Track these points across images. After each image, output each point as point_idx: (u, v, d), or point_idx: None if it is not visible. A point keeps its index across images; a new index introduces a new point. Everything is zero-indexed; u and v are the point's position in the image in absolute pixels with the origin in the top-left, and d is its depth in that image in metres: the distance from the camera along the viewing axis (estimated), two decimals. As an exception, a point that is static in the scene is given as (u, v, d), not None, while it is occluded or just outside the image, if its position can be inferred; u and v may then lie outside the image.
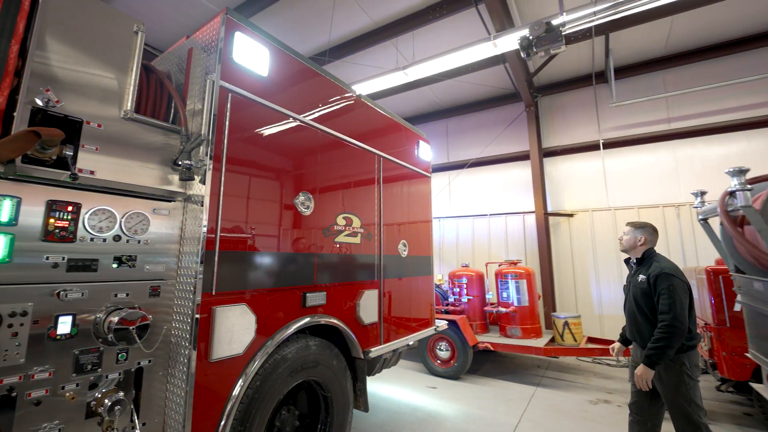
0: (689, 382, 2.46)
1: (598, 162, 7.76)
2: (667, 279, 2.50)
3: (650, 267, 2.66)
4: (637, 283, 2.70)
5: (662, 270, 2.56)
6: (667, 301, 2.44)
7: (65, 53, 1.84)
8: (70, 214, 1.80)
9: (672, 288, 2.46)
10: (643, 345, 2.66)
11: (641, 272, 2.72)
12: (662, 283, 2.50)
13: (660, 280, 2.52)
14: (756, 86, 6.44)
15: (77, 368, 1.77)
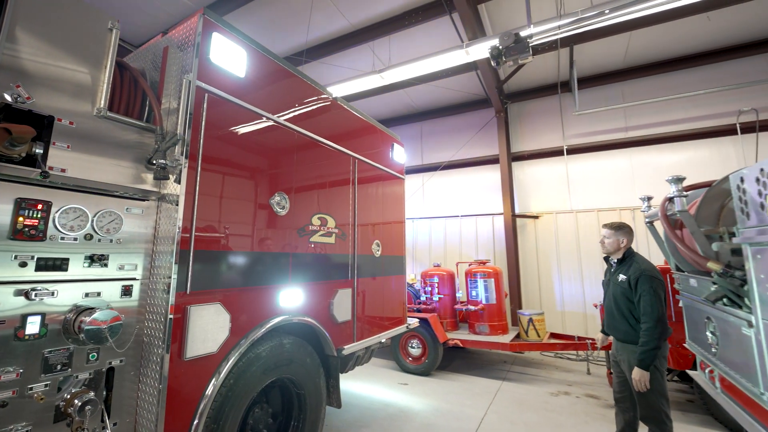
0: (658, 374, 2.66)
1: (562, 167, 8.17)
2: (648, 281, 2.66)
3: (630, 267, 2.83)
4: (618, 282, 2.88)
5: (643, 272, 2.72)
6: (649, 304, 2.61)
7: (37, 48, 1.81)
8: (40, 212, 1.77)
9: (653, 290, 2.63)
10: (618, 337, 2.90)
11: (621, 272, 2.89)
12: (643, 285, 2.67)
13: (641, 282, 2.69)
14: (701, 100, 7.00)
15: (46, 368, 1.74)
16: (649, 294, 2.64)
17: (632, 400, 2.91)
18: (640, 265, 2.81)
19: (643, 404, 2.73)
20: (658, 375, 2.67)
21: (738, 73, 6.82)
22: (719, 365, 2.06)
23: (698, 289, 2.25)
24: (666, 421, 2.66)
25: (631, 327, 2.75)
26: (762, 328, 1.55)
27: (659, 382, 2.67)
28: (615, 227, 3.01)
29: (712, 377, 2.21)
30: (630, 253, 2.96)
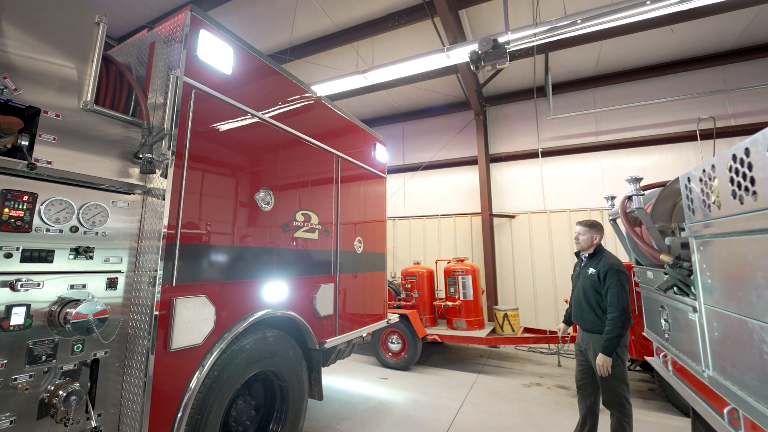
0: (619, 361, 2.88)
1: (537, 169, 8.49)
2: (616, 275, 2.88)
3: (600, 262, 3.03)
4: (587, 275, 3.08)
5: (611, 266, 2.93)
6: (615, 295, 2.83)
7: (23, 41, 1.81)
8: (26, 203, 1.78)
9: (620, 283, 2.85)
10: (584, 328, 3.09)
11: (591, 266, 3.10)
12: (611, 278, 2.88)
13: (609, 275, 2.91)
14: (665, 107, 7.46)
15: (31, 359, 1.75)
16: (616, 286, 2.85)
17: (594, 387, 3.13)
18: (609, 260, 3.03)
19: (606, 390, 2.94)
20: (619, 362, 2.89)
21: (698, 84, 7.30)
22: (671, 349, 2.27)
23: (654, 280, 2.46)
24: (626, 405, 2.90)
25: (597, 317, 2.96)
26: (704, 313, 1.74)
27: (620, 369, 2.89)
28: (589, 225, 3.19)
29: (666, 361, 2.43)
30: (600, 249, 3.17)
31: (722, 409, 1.57)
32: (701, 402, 1.85)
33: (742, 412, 1.45)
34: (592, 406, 3.16)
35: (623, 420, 2.91)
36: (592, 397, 3.15)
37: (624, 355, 2.94)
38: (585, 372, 3.17)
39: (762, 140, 1.23)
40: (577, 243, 3.26)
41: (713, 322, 1.66)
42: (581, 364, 3.21)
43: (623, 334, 2.82)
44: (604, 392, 2.97)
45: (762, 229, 1.25)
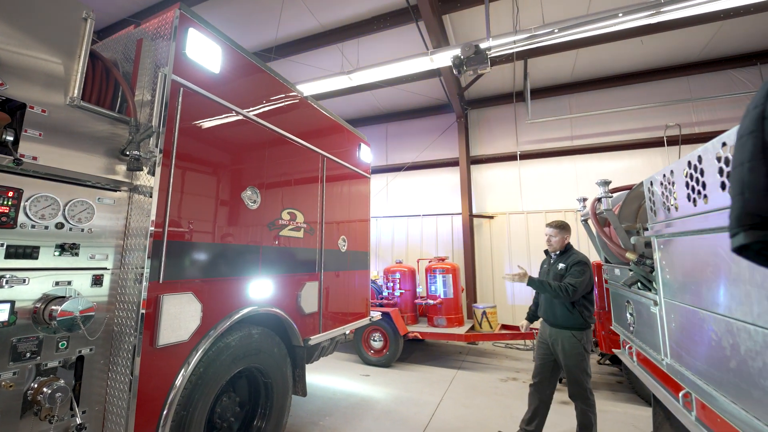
0: (585, 355, 3.08)
1: (516, 171, 8.76)
2: (582, 264, 3.12)
3: (570, 257, 3.25)
4: (557, 270, 3.27)
5: (580, 259, 3.17)
6: (577, 277, 3.05)
7: (9, 35, 1.80)
8: (11, 199, 1.77)
9: (584, 271, 3.07)
10: (554, 323, 3.23)
11: (561, 261, 3.30)
12: (578, 266, 3.12)
13: (577, 264, 3.14)
14: (635, 114, 7.85)
15: (15, 356, 1.75)
16: (579, 272, 3.08)
17: (551, 381, 3.30)
18: (578, 255, 3.25)
19: (573, 382, 3.11)
20: (585, 355, 3.08)
21: (665, 92, 7.71)
22: (635, 341, 2.45)
23: (620, 277, 2.64)
24: (590, 396, 3.10)
25: (568, 312, 3.13)
26: (664, 305, 1.91)
27: (586, 362, 3.08)
28: (560, 226, 3.38)
29: (631, 353, 2.61)
30: (569, 247, 3.38)
31: (678, 394, 1.73)
32: (660, 388, 2.02)
33: (694, 395, 1.61)
34: (546, 399, 3.31)
35: (588, 411, 3.09)
36: (548, 391, 3.30)
37: (589, 349, 3.13)
38: (545, 366, 3.31)
39: (711, 149, 1.38)
40: (549, 244, 3.44)
41: (671, 314, 1.83)
42: (543, 357, 3.35)
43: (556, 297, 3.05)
44: (570, 385, 3.13)
45: (711, 228, 1.40)
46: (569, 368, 3.11)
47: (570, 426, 3.91)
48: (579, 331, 3.10)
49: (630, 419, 4.08)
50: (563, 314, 3.14)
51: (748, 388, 1.21)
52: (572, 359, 3.09)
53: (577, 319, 3.10)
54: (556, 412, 4.26)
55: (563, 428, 3.87)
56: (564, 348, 3.12)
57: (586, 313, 3.12)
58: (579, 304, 3.11)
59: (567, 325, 3.13)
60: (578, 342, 3.08)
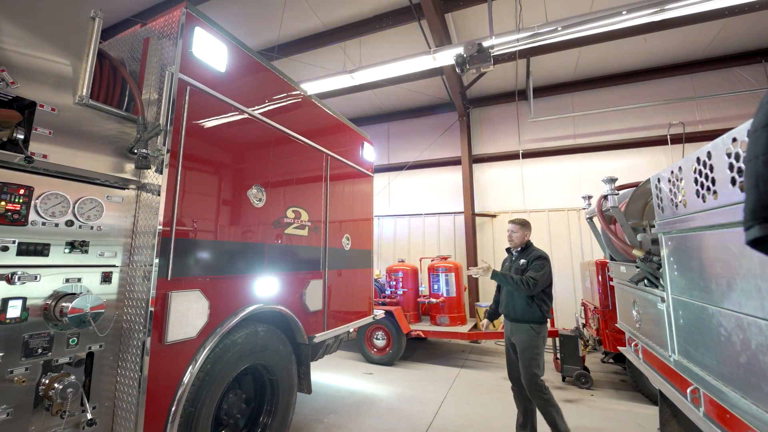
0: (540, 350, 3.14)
1: (518, 170, 8.76)
2: (543, 260, 3.23)
3: (530, 253, 3.35)
4: (519, 266, 3.34)
5: (540, 254, 3.28)
6: (538, 271, 3.13)
7: (18, 35, 1.81)
8: (22, 197, 1.78)
9: (544, 265, 3.18)
10: (514, 317, 3.27)
11: (522, 257, 3.39)
12: (539, 261, 3.22)
13: (537, 259, 3.24)
14: (638, 113, 7.84)
15: (27, 352, 1.76)
16: (539, 267, 3.17)
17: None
18: (538, 251, 3.34)
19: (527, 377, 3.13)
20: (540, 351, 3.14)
21: (669, 91, 7.70)
22: (641, 338, 2.45)
23: (627, 274, 2.65)
24: (545, 391, 3.10)
25: (527, 305, 3.19)
26: (671, 302, 1.91)
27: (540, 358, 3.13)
28: (521, 223, 3.48)
29: (636, 350, 2.61)
30: (530, 243, 3.49)
31: (686, 390, 1.73)
32: (668, 385, 2.02)
33: (702, 390, 1.61)
34: (526, 400, 3.32)
35: (546, 404, 3.09)
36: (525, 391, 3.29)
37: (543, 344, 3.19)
38: (516, 365, 3.33)
39: (721, 145, 1.39)
40: (510, 240, 3.53)
41: (678, 311, 1.83)
42: (510, 356, 3.39)
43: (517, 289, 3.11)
44: (525, 381, 3.15)
45: (721, 224, 1.41)
46: (524, 361, 3.15)
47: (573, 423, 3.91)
48: (537, 324, 3.17)
49: (634, 417, 4.09)
50: (522, 308, 3.21)
51: (758, 383, 1.21)
52: (527, 352, 3.14)
53: (536, 313, 3.17)
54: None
55: (567, 426, 3.87)
56: (521, 340, 3.18)
57: (544, 307, 3.20)
58: (538, 298, 3.19)
59: (525, 319, 3.19)
60: (536, 335, 3.15)
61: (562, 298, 7.81)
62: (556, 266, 8.04)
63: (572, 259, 7.95)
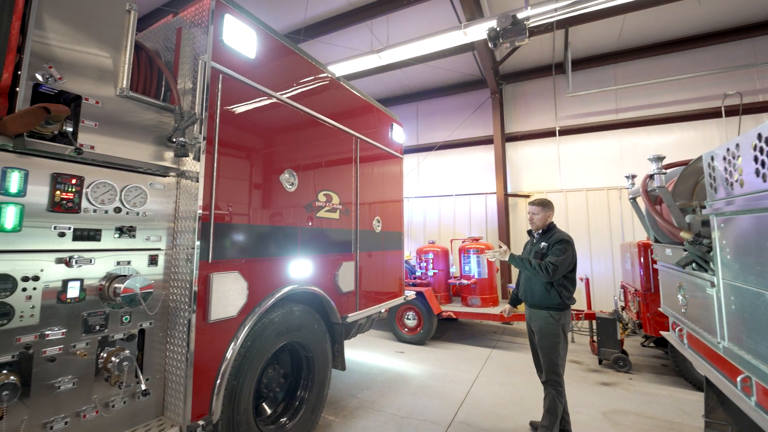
0: (561, 338, 2.98)
1: (554, 147, 8.38)
2: (564, 243, 3.02)
3: (552, 236, 3.15)
4: (539, 249, 3.16)
5: (562, 237, 3.07)
6: (559, 255, 2.94)
7: (62, 31, 1.89)
8: (74, 186, 1.91)
9: (566, 249, 2.98)
10: (532, 303, 3.13)
11: (543, 240, 3.19)
12: (560, 244, 3.01)
13: (559, 242, 3.03)
14: (689, 83, 7.21)
15: (86, 329, 1.92)
16: (560, 251, 2.97)
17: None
18: (560, 233, 3.13)
19: (546, 366, 3.01)
20: (561, 339, 2.97)
21: (724, 58, 7.01)
22: (687, 323, 2.33)
23: (672, 257, 2.50)
24: (561, 384, 2.98)
25: (545, 291, 3.02)
26: (722, 287, 1.79)
27: (563, 347, 2.98)
28: (543, 204, 3.27)
29: (681, 335, 2.49)
30: (552, 225, 3.26)
31: (735, 378, 1.64)
32: (715, 372, 1.92)
33: (755, 379, 1.52)
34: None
35: (558, 399, 2.97)
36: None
37: (567, 331, 3.03)
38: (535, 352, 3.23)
39: (788, 118, 1.25)
40: (531, 222, 3.33)
41: (731, 296, 1.72)
42: (533, 341, 3.26)
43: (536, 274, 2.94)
44: (545, 370, 3.03)
45: (783, 205, 1.29)
46: (543, 350, 3.03)
47: (608, 407, 3.84)
48: (556, 311, 3.00)
49: (676, 403, 3.94)
50: (540, 293, 3.05)
51: (820, 375, 1.12)
52: (546, 340, 3.00)
53: (554, 299, 3.00)
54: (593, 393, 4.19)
55: (595, 411, 3.81)
56: (540, 328, 3.04)
57: (565, 293, 3.01)
58: (557, 284, 3.01)
59: (544, 305, 3.04)
60: (555, 322, 2.99)
61: (601, 280, 7.54)
62: (594, 247, 7.74)
63: (612, 240, 7.61)
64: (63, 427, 1.80)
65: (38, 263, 1.77)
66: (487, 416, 3.59)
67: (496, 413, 3.66)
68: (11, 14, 1.73)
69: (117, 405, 2.01)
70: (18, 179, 1.73)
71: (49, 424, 1.75)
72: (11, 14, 1.73)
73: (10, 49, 1.71)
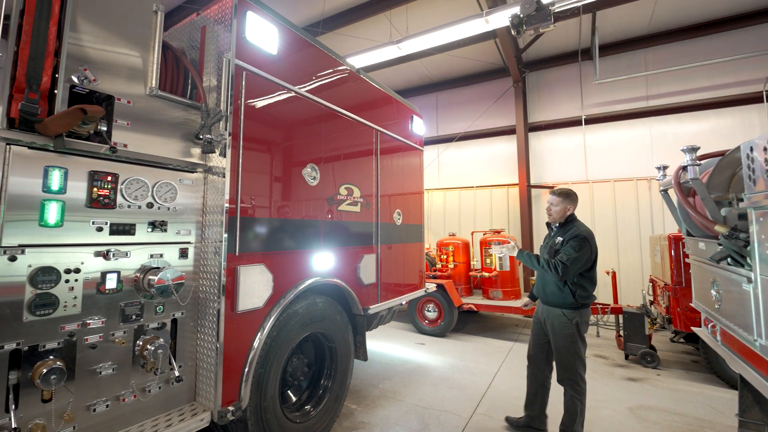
0: (577, 337, 2.81)
1: (580, 137, 8.12)
2: (580, 240, 2.76)
3: (569, 231, 2.90)
4: (554, 244, 2.96)
5: (579, 233, 2.80)
6: (571, 253, 2.70)
7: (95, 33, 1.97)
8: (110, 183, 2.00)
9: (581, 247, 2.73)
10: (545, 301, 2.98)
11: (560, 234, 2.97)
12: (575, 241, 2.76)
13: (574, 238, 2.78)
14: (727, 67, 6.80)
15: (123, 318, 2.03)
16: (575, 249, 2.72)
17: (547, 362, 3.09)
18: (579, 228, 2.87)
19: (562, 367, 2.87)
20: (577, 339, 2.81)
21: (766, 39, 6.56)
22: (721, 320, 2.25)
23: (706, 251, 2.40)
24: (580, 383, 2.82)
25: (557, 289, 2.86)
26: (760, 283, 1.72)
27: (578, 346, 2.81)
28: (564, 194, 3.00)
29: (714, 331, 2.40)
30: (572, 218, 3.00)
31: (773, 377, 1.58)
32: (751, 370, 1.85)
33: (794, 380, 1.46)
34: (543, 380, 3.12)
35: (576, 398, 2.84)
36: (545, 372, 3.11)
37: (584, 331, 2.87)
38: (540, 347, 3.11)
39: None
40: (549, 214, 3.08)
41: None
42: (537, 337, 3.13)
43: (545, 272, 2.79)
44: (559, 369, 2.90)
45: (830, 198, 1.22)
46: (558, 349, 2.89)
47: (635, 402, 3.76)
48: (570, 310, 2.82)
49: (707, 400, 3.82)
50: (552, 291, 2.89)
51: None
52: (561, 340, 2.85)
53: (567, 298, 2.81)
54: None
55: (620, 407, 3.73)
56: (553, 327, 2.88)
57: (580, 292, 2.81)
58: (571, 283, 2.81)
59: (556, 303, 2.88)
60: (568, 321, 2.81)
61: (628, 274, 7.32)
62: (622, 240, 7.51)
63: (640, 233, 7.36)
64: (105, 410, 1.92)
65: (79, 256, 1.87)
66: (509, 409, 3.58)
67: (518, 406, 3.63)
68: (48, 20, 1.81)
69: (153, 390, 2.12)
70: (59, 177, 1.83)
71: (92, 406, 1.87)
72: (48, 20, 1.81)
73: (48, 54, 1.79)
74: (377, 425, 3.33)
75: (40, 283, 1.72)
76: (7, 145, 1.67)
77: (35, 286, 1.70)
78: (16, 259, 1.67)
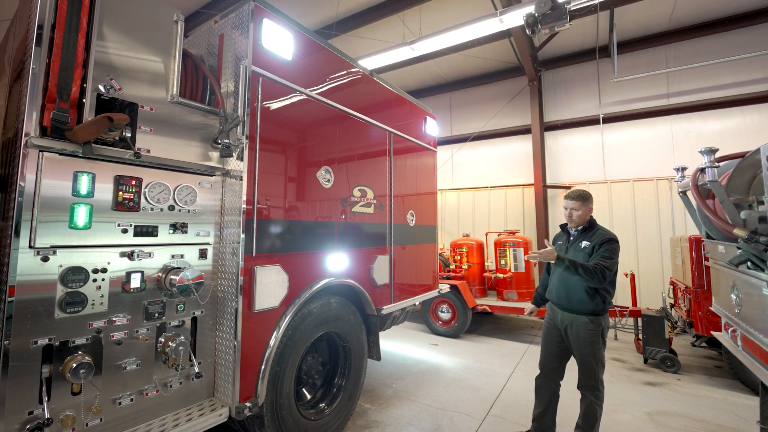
0: (601, 342, 2.75)
1: (597, 136, 7.96)
2: (614, 243, 2.72)
3: (595, 235, 2.83)
4: (580, 249, 2.84)
5: (610, 236, 2.76)
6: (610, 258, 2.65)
7: (119, 43, 2.06)
8: (134, 187, 2.09)
9: (616, 250, 2.69)
10: (569, 308, 2.85)
11: (585, 239, 2.87)
12: (610, 245, 2.71)
13: (608, 242, 2.72)
14: (753, 63, 6.56)
15: (147, 316, 2.11)
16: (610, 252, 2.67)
17: (560, 370, 3.00)
18: (605, 232, 2.82)
19: (585, 373, 2.78)
20: (601, 345, 2.74)
21: (797, 31, 6.31)
22: (741, 325, 2.19)
23: (726, 255, 2.35)
24: (600, 389, 2.76)
25: (587, 295, 2.76)
26: (780, 288, 1.68)
27: (602, 352, 2.75)
28: (583, 197, 2.92)
29: (735, 336, 2.34)
30: (594, 221, 2.94)
31: (793, 385, 1.54)
32: (771, 377, 1.81)
33: (815, 387, 1.43)
34: (556, 389, 3.04)
35: (596, 403, 2.77)
36: (557, 381, 3.03)
37: (605, 336, 2.80)
38: (554, 356, 2.99)
39: None
40: (570, 219, 2.96)
41: (790, 298, 1.61)
42: (551, 346, 3.01)
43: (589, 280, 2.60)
44: (582, 376, 2.81)
45: None
46: (583, 357, 2.78)
47: (654, 407, 3.69)
48: (596, 316, 2.75)
49: (730, 406, 3.72)
50: (580, 298, 2.78)
51: None
52: (587, 347, 2.75)
53: (598, 304, 2.74)
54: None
55: (639, 411, 3.66)
56: (579, 334, 2.78)
57: (608, 297, 2.76)
58: (603, 288, 2.72)
59: (584, 310, 2.78)
60: (595, 328, 2.73)
61: (647, 276, 7.15)
62: (641, 241, 7.35)
63: (661, 234, 7.18)
64: (129, 403, 2.01)
65: (105, 256, 1.97)
66: (524, 411, 3.56)
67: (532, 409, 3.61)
68: (77, 32, 1.90)
69: (174, 385, 2.21)
70: (87, 182, 1.92)
71: (118, 399, 1.96)
72: (77, 32, 1.90)
73: (77, 65, 1.89)
74: (390, 424, 3.36)
75: (70, 282, 1.81)
76: (40, 152, 1.77)
77: (66, 285, 1.80)
78: (48, 260, 1.76)
